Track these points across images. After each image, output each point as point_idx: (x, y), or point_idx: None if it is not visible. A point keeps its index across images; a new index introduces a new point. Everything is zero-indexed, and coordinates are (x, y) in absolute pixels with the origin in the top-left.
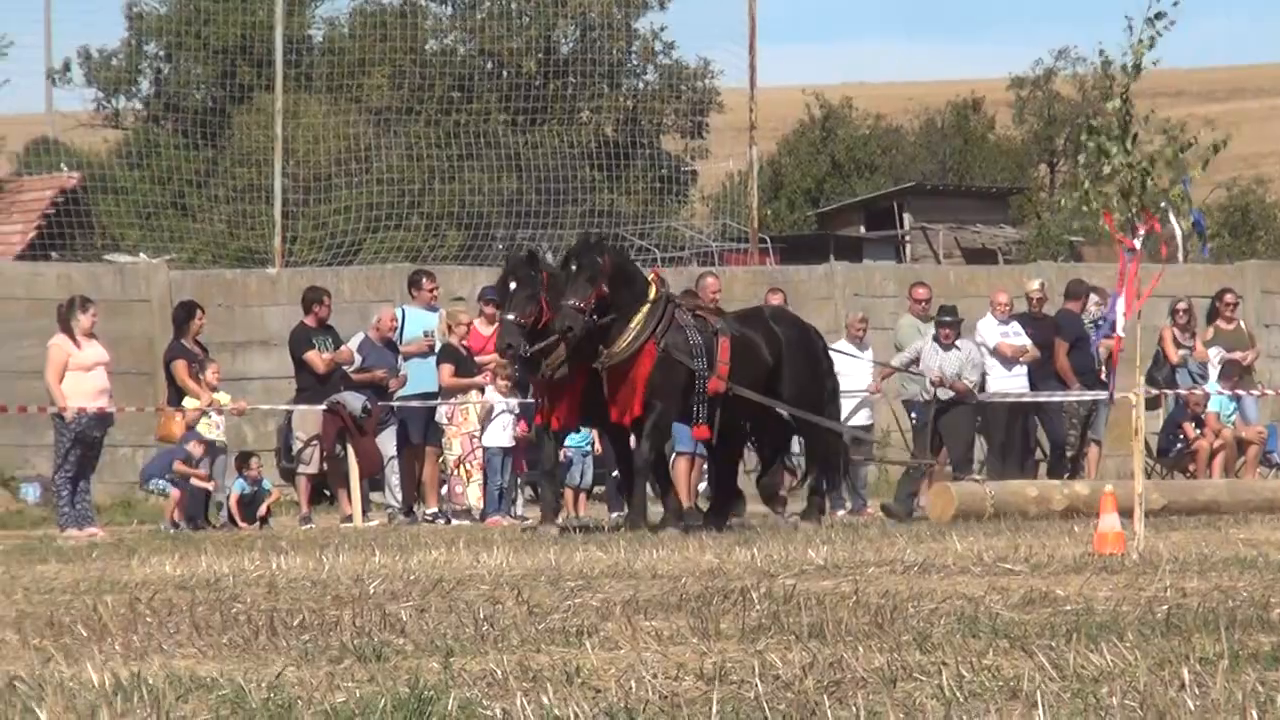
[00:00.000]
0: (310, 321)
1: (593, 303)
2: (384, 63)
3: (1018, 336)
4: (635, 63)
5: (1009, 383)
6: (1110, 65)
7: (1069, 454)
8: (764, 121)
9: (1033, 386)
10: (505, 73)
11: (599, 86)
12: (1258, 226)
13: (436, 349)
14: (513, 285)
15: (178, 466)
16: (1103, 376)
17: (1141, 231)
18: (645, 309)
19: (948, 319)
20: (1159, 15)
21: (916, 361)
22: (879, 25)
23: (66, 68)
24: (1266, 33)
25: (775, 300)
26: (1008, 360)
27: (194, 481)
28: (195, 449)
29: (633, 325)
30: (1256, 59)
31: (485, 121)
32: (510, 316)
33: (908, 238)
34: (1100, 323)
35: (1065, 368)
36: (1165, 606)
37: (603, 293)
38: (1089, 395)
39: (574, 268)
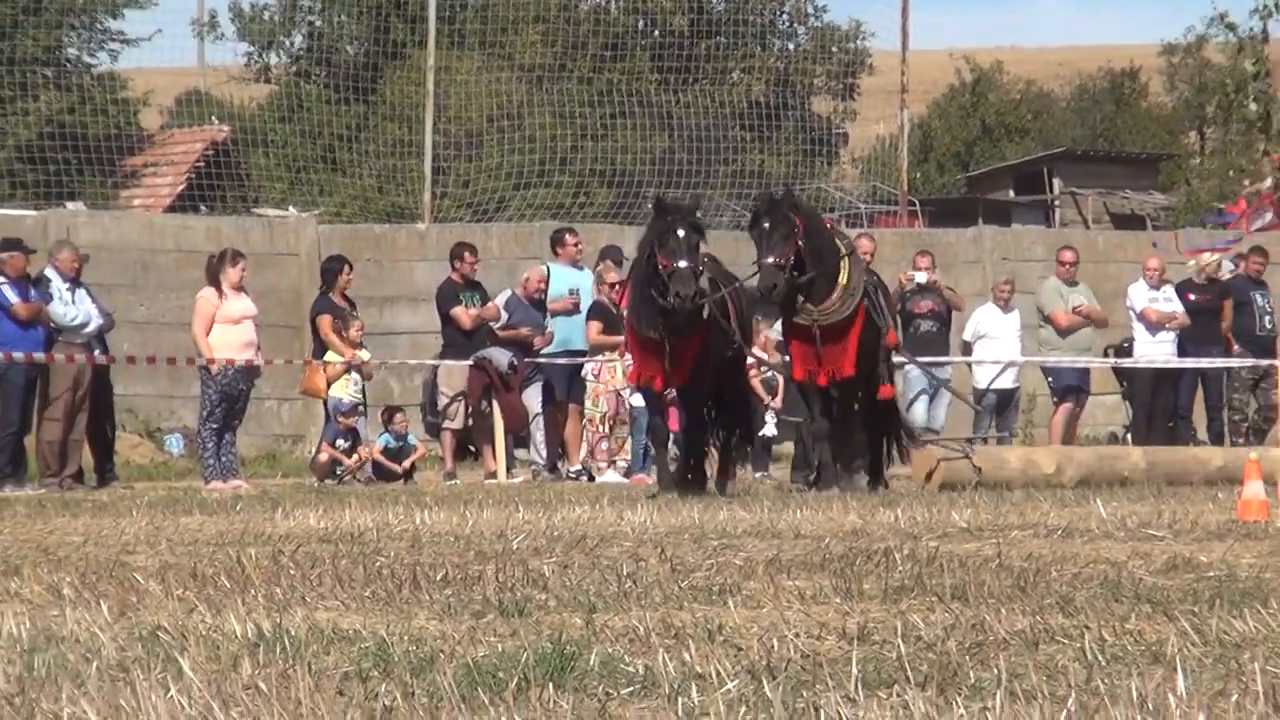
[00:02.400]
0: (455, 277)
1: (791, 259)
2: (536, 20)
3: (1169, 302)
4: (786, 23)
5: (1155, 348)
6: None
7: (1237, 419)
8: (915, 84)
9: (1184, 353)
10: (656, 31)
11: (750, 47)
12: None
13: (582, 306)
14: (766, 225)
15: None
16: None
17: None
18: (847, 264)
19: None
20: None
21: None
22: None
23: (214, 21)
24: None
25: (923, 263)
26: (1153, 326)
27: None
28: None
29: (842, 281)
30: None
31: (636, 81)
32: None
33: (1056, 203)
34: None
35: (1226, 331)
36: None
37: (800, 249)
38: (1234, 362)
39: (766, 225)
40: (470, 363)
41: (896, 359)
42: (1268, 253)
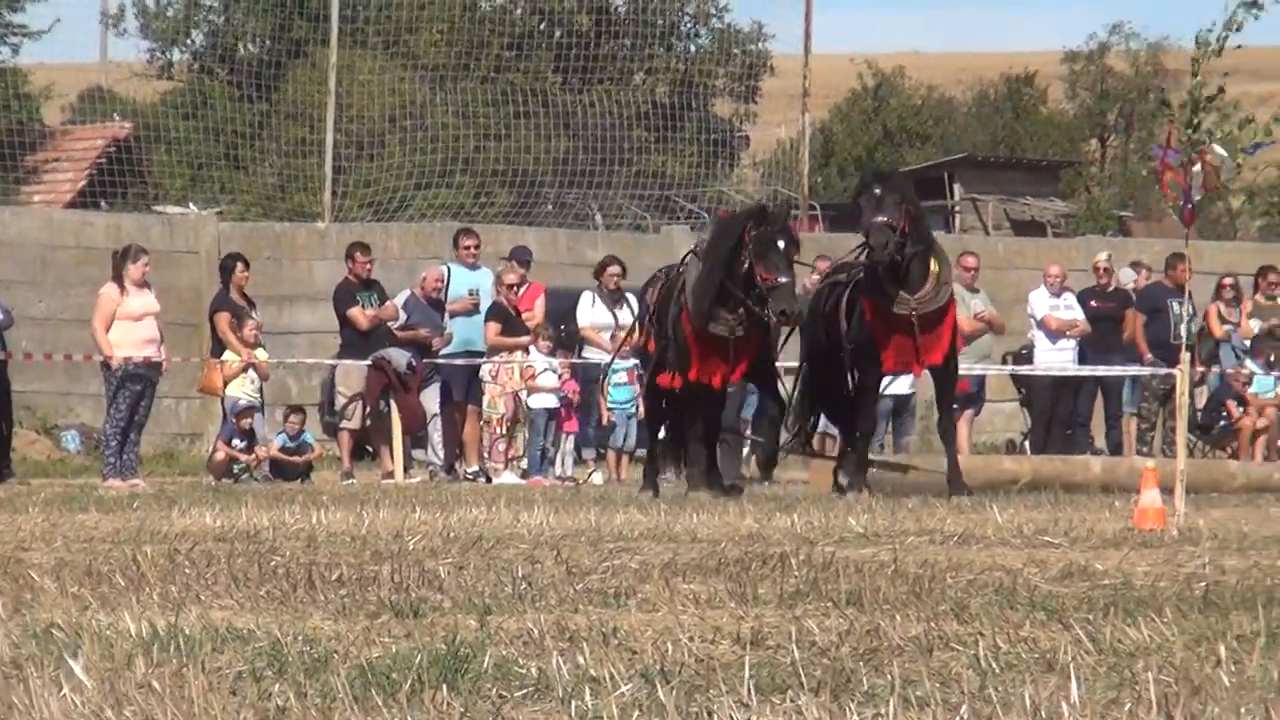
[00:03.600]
0: (352, 277)
1: (904, 226)
2: (438, 20)
3: (1069, 310)
4: (689, 25)
5: (1055, 356)
6: (1206, 46)
7: (1144, 429)
8: (816, 88)
9: (1084, 361)
10: (559, 32)
11: (652, 48)
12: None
13: (482, 307)
14: (878, 190)
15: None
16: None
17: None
18: (937, 254)
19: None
20: (1256, 3)
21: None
22: None
23: (121, 16)
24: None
25: (823, 266)
26: (1053, 333)
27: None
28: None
29: (934, 270)
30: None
31: (538, 81)
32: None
33: (957, 208)
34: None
35: (1139, 340)
36: (1204, 583)
37: (909, 220)
38: (1131, 370)
39: (878, 190)
40: (368, 363)
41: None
42: (1188, 258)
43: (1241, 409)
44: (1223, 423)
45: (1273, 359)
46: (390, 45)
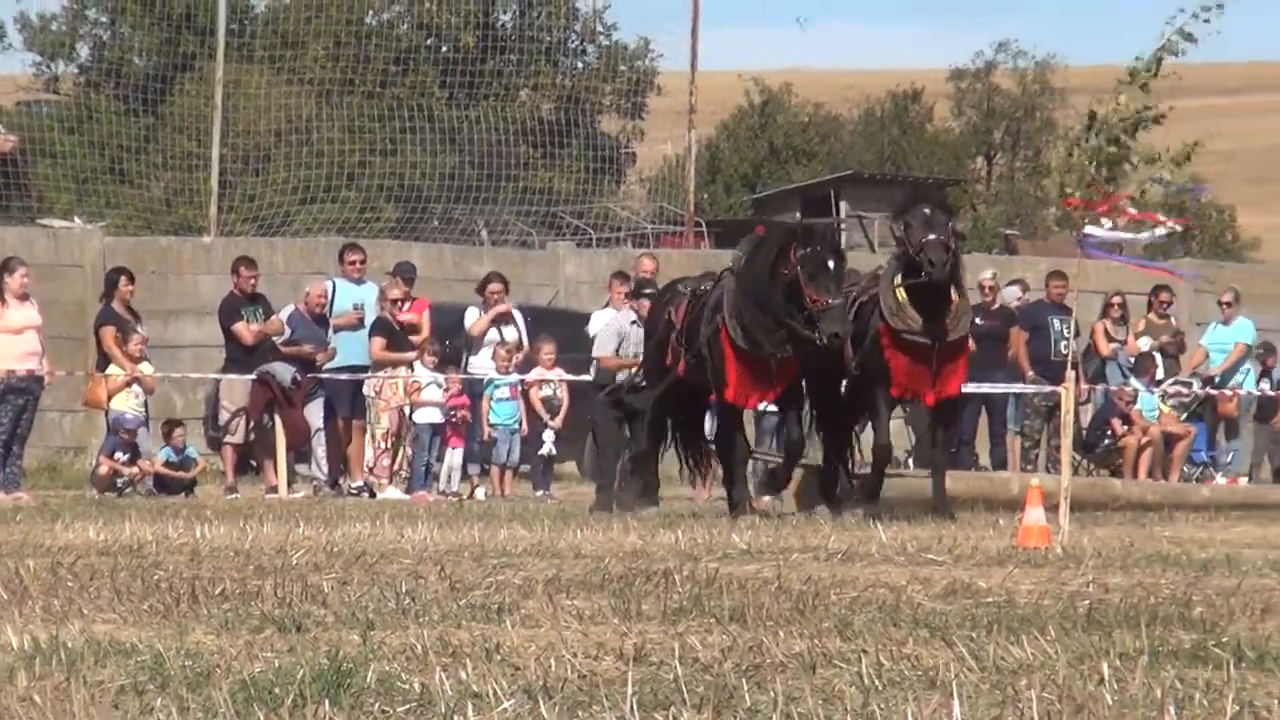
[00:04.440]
0: (236, 292)
1: (954, 244)
2: (324, 35)
3: None
4: (576, 42)
5: None
6: (1146, 71)
7: (1028, 446)
8: (703, 105)
9: (968, 378)
10: (445, 48)
11: (538, 64)
12: (1192, 226)
13: (367, 322)
14: (928, 210)
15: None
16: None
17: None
18: (959, 282)
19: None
20: (1190, 35)
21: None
22: (821, 11)
23: (2, 30)
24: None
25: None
26: None
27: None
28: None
29: (955, 299)
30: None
31: (423, 97)
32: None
33: (843, 226)
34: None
35: (1021, 358)
36: (1087, 601)
37: (956, 238)
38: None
39: (928, 210)
40: (253, 377)
41: None
42: (1068, 276)
43: (1126, 427)
44: (1107, 441)
45: (1156, 378)
46: (277, 60)
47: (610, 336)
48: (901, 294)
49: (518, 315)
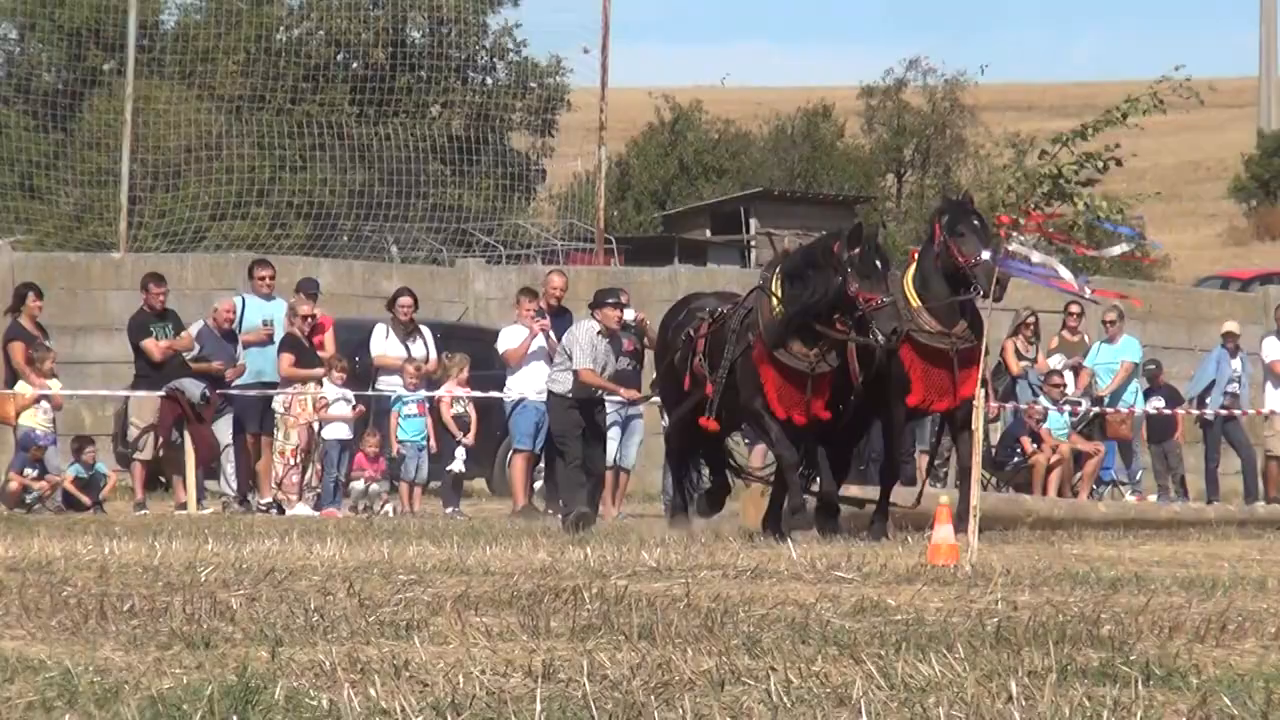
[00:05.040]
0: (146, 308)
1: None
2: (234, 51)
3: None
4: (486, 58)
5: None
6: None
7: (937, 464)
8: (613, 122)
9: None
10: (356, 64)
11: (449, 81)
12: (1103, 243)
13: (276, 338)
14: (976, 222)
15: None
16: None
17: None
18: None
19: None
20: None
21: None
22: (732, 29)
23: None
24: (1115, 49)
25: (624, 300)
26: None
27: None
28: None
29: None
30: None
31: (334, 113)
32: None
33: (753, 243)
34: None
35: None
36: (996, 619)
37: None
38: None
39: (976, 222)
40: (162, 393)
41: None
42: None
43: (1036, 446)
44: (1016, 459)
45: (1063, 395)
46: (187, 76)
47: (588, 350)
48: (915, 299)
49: (426, 331)
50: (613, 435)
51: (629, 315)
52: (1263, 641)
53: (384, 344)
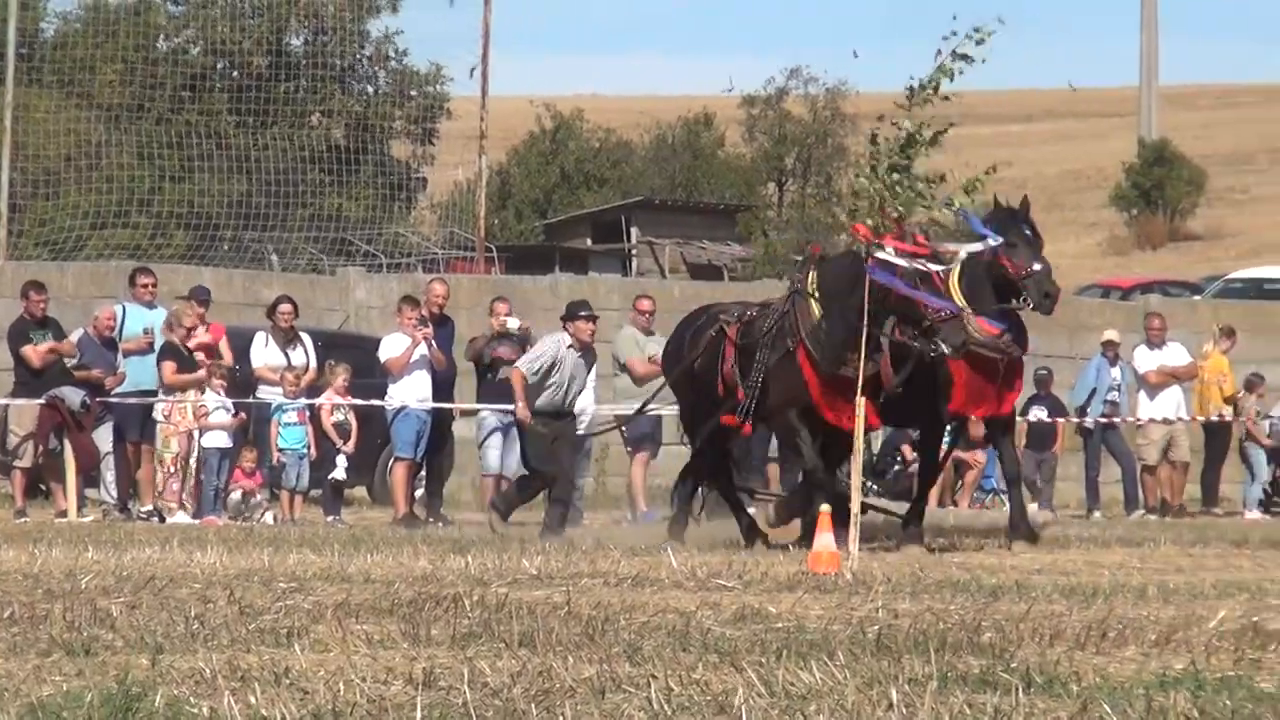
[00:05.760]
0: (26, 315)
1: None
2: (114, 59)
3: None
4: (367, 66)
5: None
6: (921, 90)
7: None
8: (494, 131)
9: None
10: (236, 72)
11: (329, 89)
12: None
13: (156, 346)
14: (1029, 231)
15: None
16: None
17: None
18: None
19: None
20: (965, 56)
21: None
22: (614, 39)
23: None
24: (996, 59)
25: (504, 309)
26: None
27: None
28: None
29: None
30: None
31: (214, 121)
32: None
33: (634, 252)
34: None
35: None
36: (876, 627)
37: None
38: None
39: (1029, 231)
40: (42, 401)
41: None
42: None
43: (916, 454)
44: (897, 468)
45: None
46: (67, 84)
47: (537, 360)
48: (962, 300)
49: (307, 340)
50: (494, 443)
51: (513, 324)
52: (1143, 649)
53: (264, 352)
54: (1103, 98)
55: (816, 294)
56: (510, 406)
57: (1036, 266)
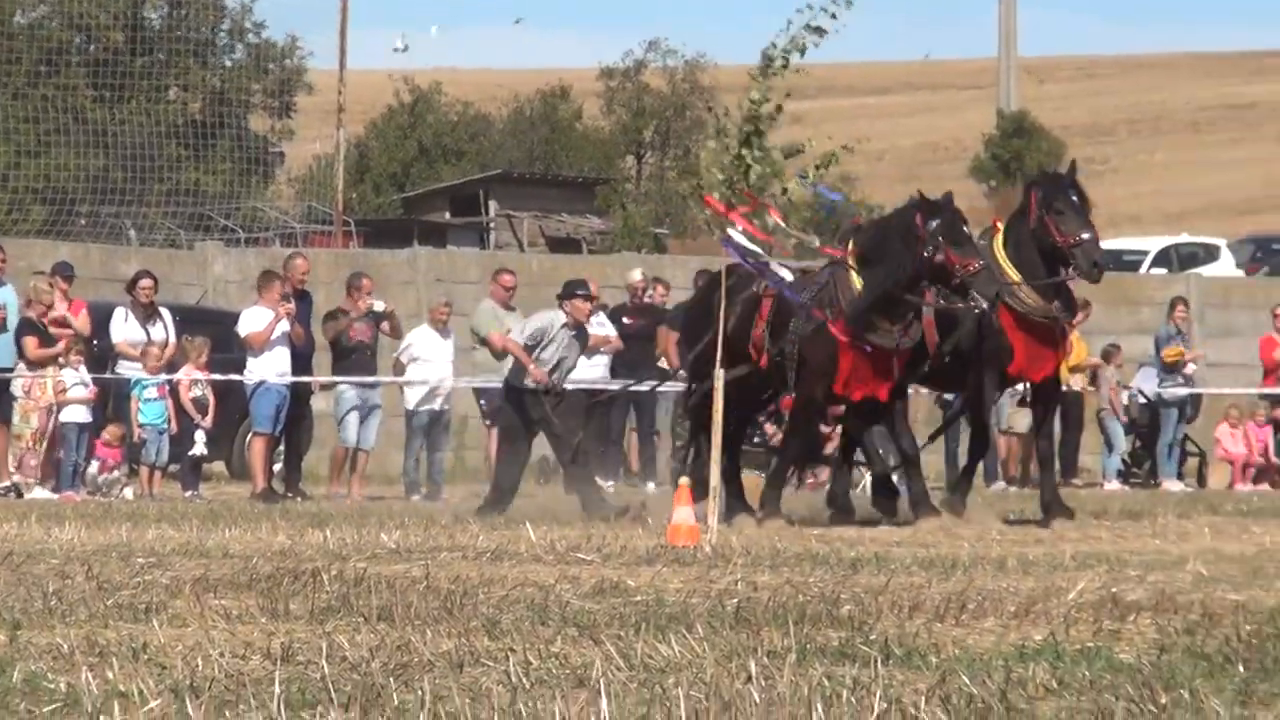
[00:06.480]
0: None
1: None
2: None
3: (601, 327)
4: (225, 40)
5: (588, 372)
6: (772, 64)
7: (678, 445)
8: (352, 104)
9: (616, 377)
10: (93, 46)
11: (187, 63)
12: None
13: (9, 323)
14: (1075, 199)
15: None
16: None
17: (740, 227)
18: None
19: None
20: (818, 28)
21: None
22: (472, 12)
23: None
24: (855, 31)
25: (366, 287)
26: (587, 350)
27: None
28: None
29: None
30: (843, 57)
31: (72, 96)
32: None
33: (492, 225)
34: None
35: (671, 355)
36: (735, 600)
37: None
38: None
39: (1075, 198)
40: None
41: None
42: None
43: (778, 428)
44: (758, 440)
45: None
46: None
47: (528, 329)
48: (1014, 273)
49: (166, 315)
50: (351, 419)
51: (379, 306)
52: (1002, 620)
53: (124, 328)
54: (961, 70)
55: (856, 266)
56: (369, 379)
57: (1085, 235)
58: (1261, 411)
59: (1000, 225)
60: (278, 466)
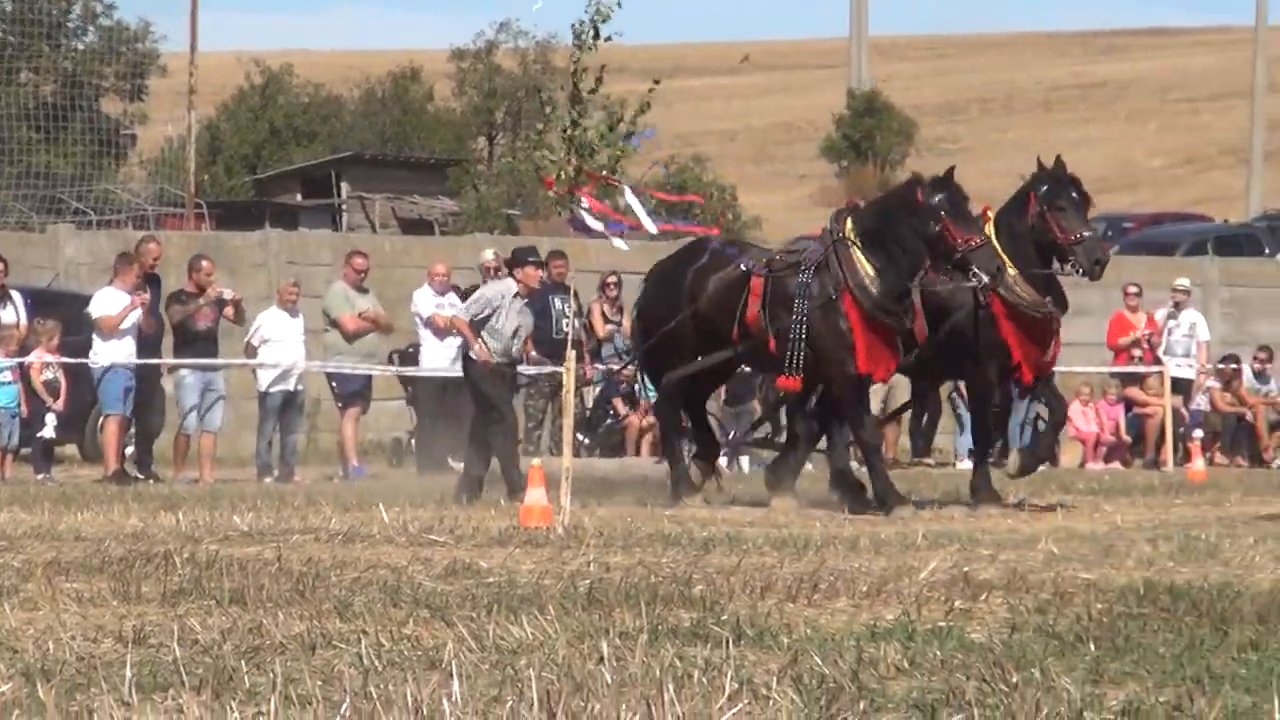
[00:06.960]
0: None
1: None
2: None
3: (454, 308)
4: (76, 22)
5: (441, 355)
6: (581, 37)
7: (531, 426)
8: (203, 87)
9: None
10: None
11: (38, 45)
12: (695, 204)
13: None
14: (1076, 195)
15: None
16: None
17: (586, 205)
18: None
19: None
20: None
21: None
22: None
23: None
24: (707, 11)
25: (207, 269)
26: (439, 331)
27: None
28: None
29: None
30: (695, 37)
31: None
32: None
33: (344, 207)
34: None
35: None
36: (588, 580)
37: None
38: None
39: (1075, 194)
40: None
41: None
42: (568, 256)
43: (629, 408)
44: (610, 420)
45: None
46: None
47: (476, 304)
48: (1011, 268)
49: (17, 297)
50: (192, 402)
51: (228, 294)
52: (854, 600)
53: None
54: (813, 49)
55: (859, 242)
56: (213, 361)
57: (1086, 233)
58: (1113, 390)
59: (990, 214)
60: (129, 449)
